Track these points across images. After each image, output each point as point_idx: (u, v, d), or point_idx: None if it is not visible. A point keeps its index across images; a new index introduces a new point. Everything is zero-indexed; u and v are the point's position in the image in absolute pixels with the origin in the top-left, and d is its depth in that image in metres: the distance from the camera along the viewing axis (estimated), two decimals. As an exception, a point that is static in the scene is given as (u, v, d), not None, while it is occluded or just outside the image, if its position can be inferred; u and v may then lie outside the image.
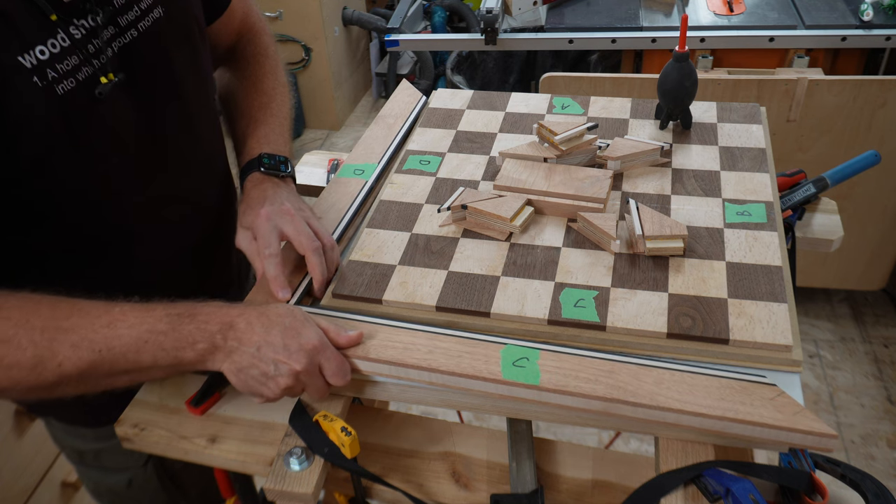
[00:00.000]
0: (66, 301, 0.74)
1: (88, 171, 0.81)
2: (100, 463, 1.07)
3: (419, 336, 0.82)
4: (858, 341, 2.27)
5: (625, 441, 2.01)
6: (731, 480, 0.69)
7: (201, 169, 0.99)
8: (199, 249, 1.01)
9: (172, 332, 0.74)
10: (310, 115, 3.57)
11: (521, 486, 0.79)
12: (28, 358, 0.70)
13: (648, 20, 2.08)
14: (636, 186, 1.03)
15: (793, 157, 2.00)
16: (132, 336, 0.73)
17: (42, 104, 0.73)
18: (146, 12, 0.84)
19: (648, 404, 0.73)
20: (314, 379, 0.77)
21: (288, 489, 0.75)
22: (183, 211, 0.96)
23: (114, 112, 0.80)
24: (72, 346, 0.71)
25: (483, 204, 0.97)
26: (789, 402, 0.72)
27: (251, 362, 0.75)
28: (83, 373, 0.72)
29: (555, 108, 1.22)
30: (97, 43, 0.78)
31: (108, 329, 0.72)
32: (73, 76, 0.75)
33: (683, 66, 1.07)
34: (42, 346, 0.71)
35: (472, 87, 2.68)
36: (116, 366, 0.73)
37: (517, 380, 0.76)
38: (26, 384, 0.71)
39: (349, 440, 0.76)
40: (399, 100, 1.28)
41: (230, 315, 0.77)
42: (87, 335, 0.72)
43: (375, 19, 3.49)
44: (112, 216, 0.87)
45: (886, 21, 1.94)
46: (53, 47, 0.73)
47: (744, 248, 0.90)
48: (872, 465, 1.93)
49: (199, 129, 0.96)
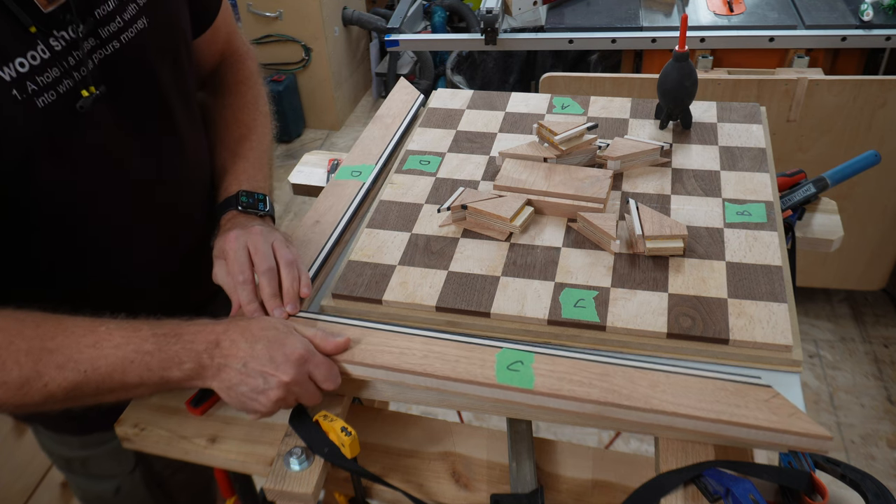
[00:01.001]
0: (51, 319, 0.74)
1: (72, 183, 0.80)
2: (87, 470, 1.07)
3: (415, 340, 0.82)
4: (858, 341, 2.27)
5: (625, 441, 2.01)
6: (731, 480, 0.69)
7: (186, 181, 0.97)
8: (186, 260, 0.99)
9: (159, 353, 0.74)
10: (310, 115, 3.57)
11: (521, 486, 0.79)
12: (14, 379, 0.71)
13: (648, 20, 2.08)
14: (636, 186, 1.03)
15: (793, 157, 2.00)
16: (118, 356, 0.73)
17: (22, 117, 0.72)
18: (129, 23, 0.82)
19: (642, 407, 0.73)
20: (305, 387, 0.77)
21: (288, 489, 0.75)
22: (169, 222, 0.95)
23: (94, 125, 0.79)
24: (57, 367, 0.71)
25: (483, 204, 0.97)
26: (784, 403, 0.72)
27: (240, 378, 0.75)
28: (69, 392, 0.72)
29: (555, 107, 1.22)
30: (78, 55, 0.76)
31: (93, 349, 0.73)
32: (54, 89, 0.74)
33: (683, 66, 1.07)
34: (27, 368, 0.71)
35: (472, 87, 2.68)
36: (102, 385, 0.73)
37: (511, 384, 0.76)
38: (13, 403, 0.72)
39: (349, 440, 0.76)
40: (397, 99, 1.28)
41: (215, 332, 0.77)
42: (73, 356, 0.72)
43: (375, 19, 3.49)
44: (98, 229, 0.86)
45: (886, 21, 1.94)
46: (33, 59, 0.72)
47: (744, 248, 0.90)
48: (872, 465, 1.93)
49: (183, 141, 0.94)
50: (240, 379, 0.75)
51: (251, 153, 1.00)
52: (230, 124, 1.02)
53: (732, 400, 0.73)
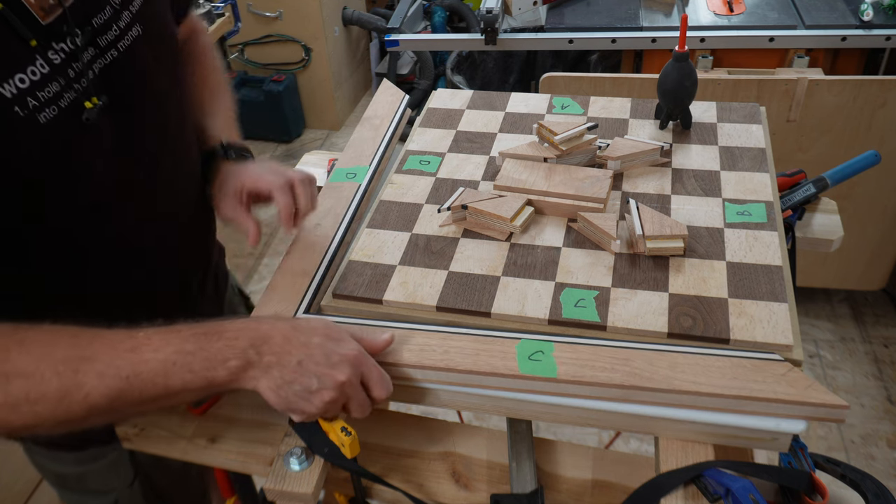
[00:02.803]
0: (86, 331, 0.71)
1: (76, 195, 0.78)
2: (84, 486, 1.04)
3: (432, 336, 0.82)
4: (858, 341, 2.28)
5: (625, 441, 2.01)
6: (731, 480, 0.69)
7: (184, 189, 0.96)
8: (183, 266, 0.99)
9: (201, 352, 0.70)
10: (310, 115, 3.57)
11: (521, 486, 0.79)
12: (53, 390, 0.66)
13: (648, 20, 2.08)
14: (636, 186, 1.03)
15: (793, 157, 2.00)
16: (159, 359, 0.69)
17: (25, 133, 0.70)
18: (125, 31, 0.80)
19: (666, 388, 0.73)
20: (357, 391, 0.74)
21: (288, 489, 0.75)
22: (167, 231, 0.94)
23: (97, 137, 0.78)
24: (97, 375, 0.67)
25: (483, 204, 0.97)
26: (800, 376, 0.73)
27: (293, 377, 0.71)
28: (112, 402, 0.68)
29: (555, 108, 1.22)
30: (77, 66, 0.74)
31: (133, 354, 0.69)
32: (56, 103, 0.72)
33: (683, 66, 1.07)
34: (66, 377, 0.67)
35: (472, 87, 2.68)
36: (146, 392, 0.69)
37: (535, 373, 0.76)
38: (54, 419, 0.67)
39: (349, 440, 0.76)
40: (382, 100, 1.27)
41: (261, 329, 0.73)
42: (113, 362, 0.68)
43: (375, 19, 3.49)
44: (100, 238, 0.84)
45: (886, 21, 1.94)
46: (33, 75, 0.70)
47: (744, 248, 0.90)
48: (872, 465, 1.93)
49: (182, 148, 0.94)
50: (293, 377, 0.71)
51: (225, 112, 1.06)
52: (199, 86, 1.05)
53: (750, 376, 0.74)
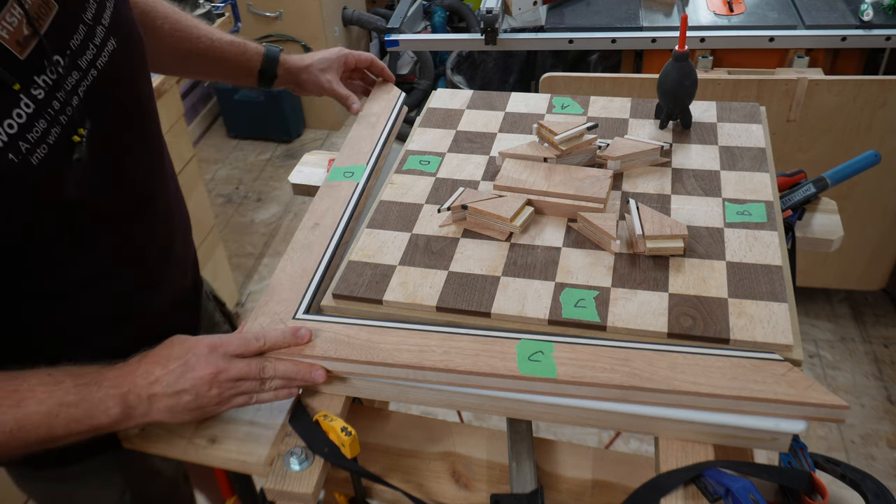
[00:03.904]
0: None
1: (67, 227, 0.78)
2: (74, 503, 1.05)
3: (431, 337, 0.82)
4: (858, 341, 2.27)
5: (625, 441, 2.01)
6: (731, 480, 0.69)
7: (169, 210, 0.96)
8: (170, 287, 0.99)
9: (82, 403, 0.74)
10: (310, 115, 3.57)
11: (521, 486, 0.79)
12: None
13: (648, 20, 2.08)
14: (636, 186, 1.03)
15: (793, 157, 2.00)
16: (42, 412, 0.73)
17: (20, 178, 0.69)
18: (101, 47, 0.79)
19: (666, 389, 0.73)
20: (239, 373, 0.77)
21: (288, 489, 0.75)
22: (154, 254, 0.94)
23: (86, 165, 0.77)
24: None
25: (483, 204, 0.97)
26: (800, 376, 0.73)
27: (175, 398, 0.76)
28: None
29: (555, 107, 1.22)
30: (61, 96, 0.73)
31: (17, 409, 0.72)
32: (44, 142, 0.71)
33: (683, 66, 1.07)
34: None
35: (472, 87, 2.68)
36: (30, 440, 0.73)
37: (534, 374, 0.76)
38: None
39: (349, 440, 0.76)
40: (378, 98, 1.27)
41: (139, 370, 0.77)
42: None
43: (375, 19, 3.49)
44: (90, 264, 0.84)
45: (886, 21, 1.94)
46: (20, 117, 0.69)
47: (744, 248, 0.90)
48: (872, 465, 1.93)
49: (163, 165, 0.94)
50: (175, 398, 0.76)
51: (216, 30, 1.12)
52: (188, 24, 1.09)
53: (751, 376, 0.74)
